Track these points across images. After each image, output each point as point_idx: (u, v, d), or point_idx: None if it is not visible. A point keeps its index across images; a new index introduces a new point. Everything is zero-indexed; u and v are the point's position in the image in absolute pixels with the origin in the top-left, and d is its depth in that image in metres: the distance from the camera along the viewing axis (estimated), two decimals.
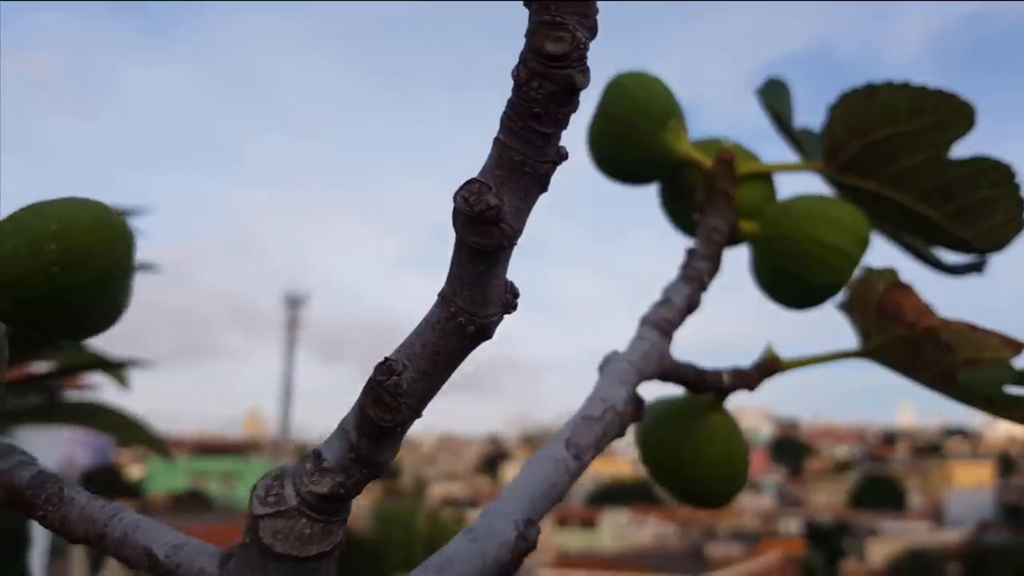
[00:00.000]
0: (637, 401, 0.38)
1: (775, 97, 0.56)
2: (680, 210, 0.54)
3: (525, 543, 0.29)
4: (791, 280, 0.48)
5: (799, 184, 0.55)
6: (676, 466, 0.46)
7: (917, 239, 0.54)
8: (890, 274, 0.45)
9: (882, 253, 0.54)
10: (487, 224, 0.21)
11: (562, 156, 0.22)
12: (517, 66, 0.21)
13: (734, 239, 0.50)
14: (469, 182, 0.21)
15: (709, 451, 0.45)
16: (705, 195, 0.50)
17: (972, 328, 0.40)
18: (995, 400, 0.40)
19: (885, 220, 0.53)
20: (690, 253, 0.48)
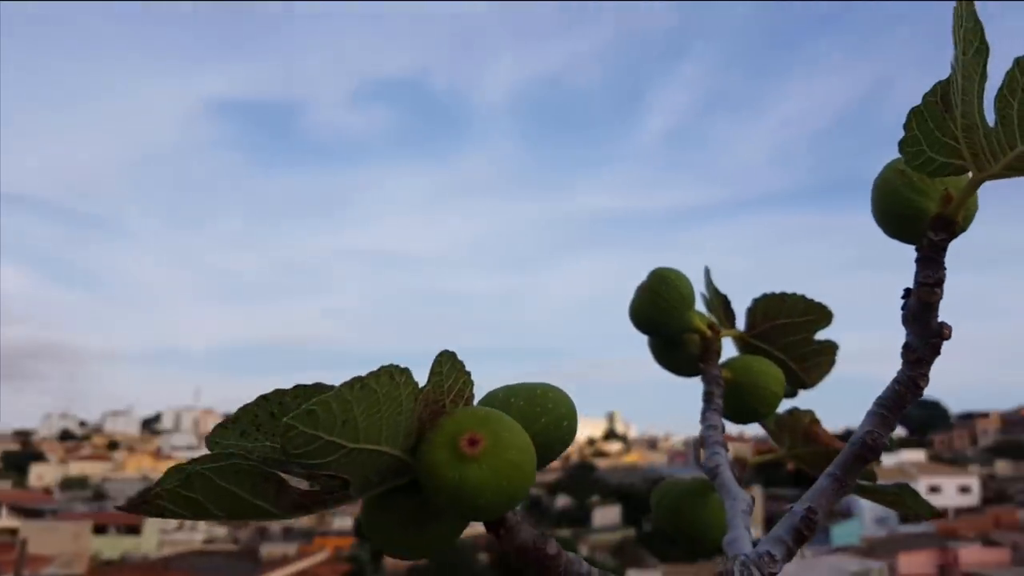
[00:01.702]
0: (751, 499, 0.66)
1: (710, 285, 0.89)
2: (670, 355, 0.83)
3: None
4: (750, 411, 0.81)
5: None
6: (696, 526, 0.76)
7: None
8: (810, 413, 0.80)
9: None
10: (878, 452, 0.49)
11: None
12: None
13: None
14: (871, 431, 0.49)
15: (718, 516, 0.75)
16: (703, 352, 0.80)
17: None
18: (871, 491, 0.76)
19: None
20: (709, 394, 0.77)
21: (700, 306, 0.86)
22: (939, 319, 0.49)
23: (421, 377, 0.43)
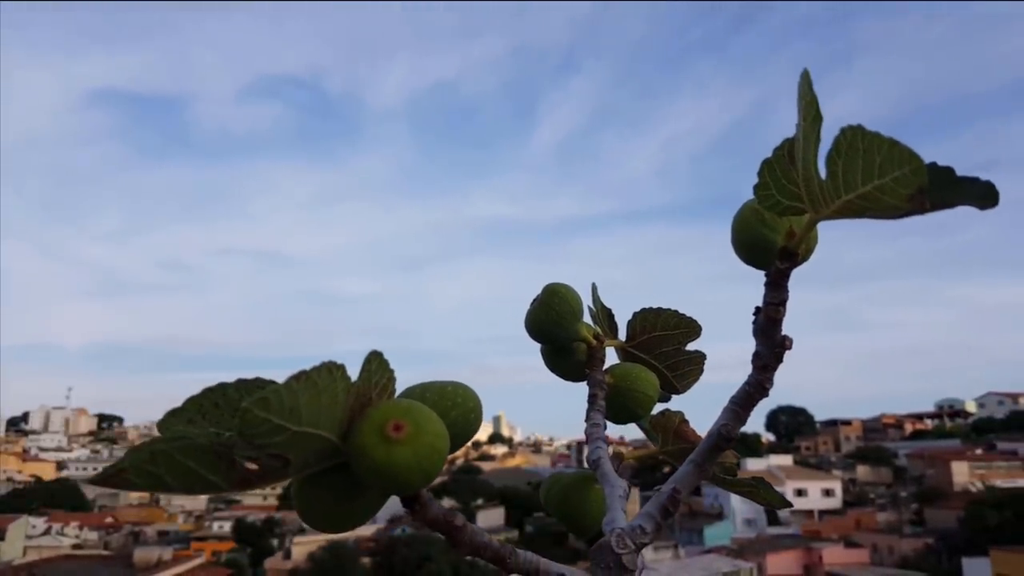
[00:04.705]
0: (629, 486, 0.76)
1: (596, 299, 0.99)
2: (561, 361, 0.92)
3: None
4: (629, 413, 0.91)
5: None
6: (581, 511, 0.85)
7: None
8: (680, 414, 0.90)
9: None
10: (731, 442, 0.60)
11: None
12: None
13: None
14: (725, 423, 0.59)
15: (599, 502, 0.85)
16: (589, 359, 0.90)
17: None
18: (731, 483, 0.87)
19: None
20: (593, 396, 0.87)
21: (588, 318, 0.96)
22: (783, 333, 0.60)
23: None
